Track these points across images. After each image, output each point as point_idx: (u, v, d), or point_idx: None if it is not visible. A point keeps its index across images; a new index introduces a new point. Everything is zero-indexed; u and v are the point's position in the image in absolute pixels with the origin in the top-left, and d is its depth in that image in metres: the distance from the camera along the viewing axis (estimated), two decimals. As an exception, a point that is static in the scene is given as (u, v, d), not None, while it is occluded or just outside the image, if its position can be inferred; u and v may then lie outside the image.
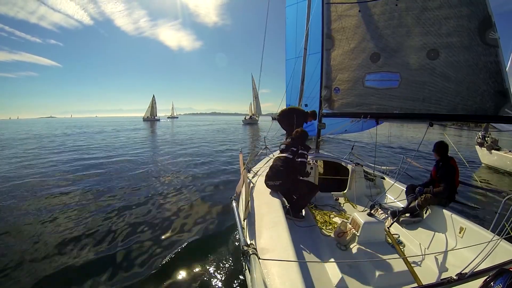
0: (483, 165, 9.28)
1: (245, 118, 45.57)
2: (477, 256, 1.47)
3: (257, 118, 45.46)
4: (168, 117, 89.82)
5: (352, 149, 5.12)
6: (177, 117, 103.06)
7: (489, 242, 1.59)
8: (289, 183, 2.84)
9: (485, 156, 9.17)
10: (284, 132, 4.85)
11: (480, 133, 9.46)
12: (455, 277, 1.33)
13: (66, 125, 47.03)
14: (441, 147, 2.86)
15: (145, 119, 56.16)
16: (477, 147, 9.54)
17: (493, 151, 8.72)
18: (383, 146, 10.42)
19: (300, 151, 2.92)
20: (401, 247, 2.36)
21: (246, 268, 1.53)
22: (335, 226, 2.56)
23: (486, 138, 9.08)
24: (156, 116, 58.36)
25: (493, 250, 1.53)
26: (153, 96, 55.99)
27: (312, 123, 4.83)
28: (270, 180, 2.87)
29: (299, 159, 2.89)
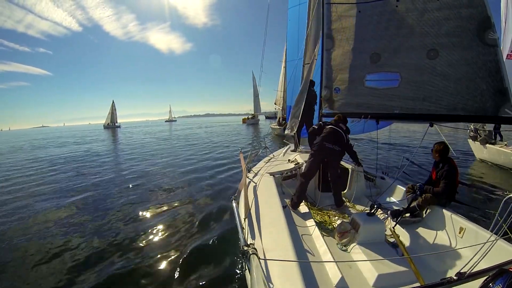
0: (477, 159, 8.54)
1: (247, 118, 41.50)
2: (475, 255, 1.47)
3: (258, 117, 41.60)
4: (166, 121, 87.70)
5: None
6: (175, 120, 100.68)
7: (489, 242, 1.59)
8: (342, 154, 3.00)
9: (479, 150, 8.45)
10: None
11: (472, 126, 8.34)
12: (454, 277, 1.33)
13: (32, 136, 41.33)
14: (441, 149, 2.83)
15: (105, 127, 52.69)
16: (470, 140, 8.76)
17: (487, 145, 7.96)
18: (383, 145, 10.37)
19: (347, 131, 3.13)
20: (400, 247, 2.36)
21: (246, 268, 1.53)
22: (335, 226, 2.56)
23: (478, 131, 8.31)
24: (117, 122, 55.56)
25: (493, 250, 1.53)
26: (113, 102, 52.93)
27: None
28: (329, 142, 2.91)
29: (350, 142, 3.14)
